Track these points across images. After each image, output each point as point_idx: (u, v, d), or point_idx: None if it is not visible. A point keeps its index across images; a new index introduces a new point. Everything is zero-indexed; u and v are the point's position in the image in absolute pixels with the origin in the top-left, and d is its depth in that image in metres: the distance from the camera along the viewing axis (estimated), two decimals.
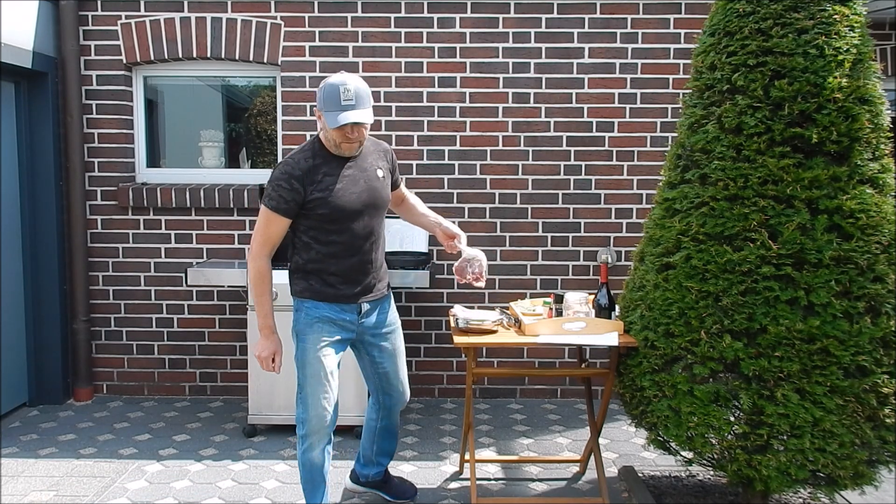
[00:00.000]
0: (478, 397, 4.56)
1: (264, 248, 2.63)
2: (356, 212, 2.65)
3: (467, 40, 4.38)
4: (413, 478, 3.42)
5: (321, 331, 2.69)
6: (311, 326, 2.68)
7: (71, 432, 3.97)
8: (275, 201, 2.58)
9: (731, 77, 2.64)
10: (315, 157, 2.63)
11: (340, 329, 2.73)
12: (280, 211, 2.59)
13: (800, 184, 2.50)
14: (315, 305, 2.69)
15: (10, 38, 3.93)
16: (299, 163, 2.59)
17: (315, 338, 2.68)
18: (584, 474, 3.47)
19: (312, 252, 2.66)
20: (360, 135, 2.60)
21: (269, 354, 2.68)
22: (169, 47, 4.39)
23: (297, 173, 2.58)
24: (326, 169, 2.63)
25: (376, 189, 2.72)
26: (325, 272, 2.67)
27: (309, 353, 2.67)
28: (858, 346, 2.45)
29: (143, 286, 4.53)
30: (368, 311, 2.79)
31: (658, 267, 2.79)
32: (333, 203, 2.59)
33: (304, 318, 2.70)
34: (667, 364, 2.71)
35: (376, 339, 2.84)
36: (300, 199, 2.58)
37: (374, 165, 2.74)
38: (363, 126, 2.60)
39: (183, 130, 4.76)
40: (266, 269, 2.64)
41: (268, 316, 2.66)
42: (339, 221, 2.63)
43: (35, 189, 4.31)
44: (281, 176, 2.58)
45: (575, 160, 4.44)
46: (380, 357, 2.88)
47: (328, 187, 2.60)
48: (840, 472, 2.49)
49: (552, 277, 4.51)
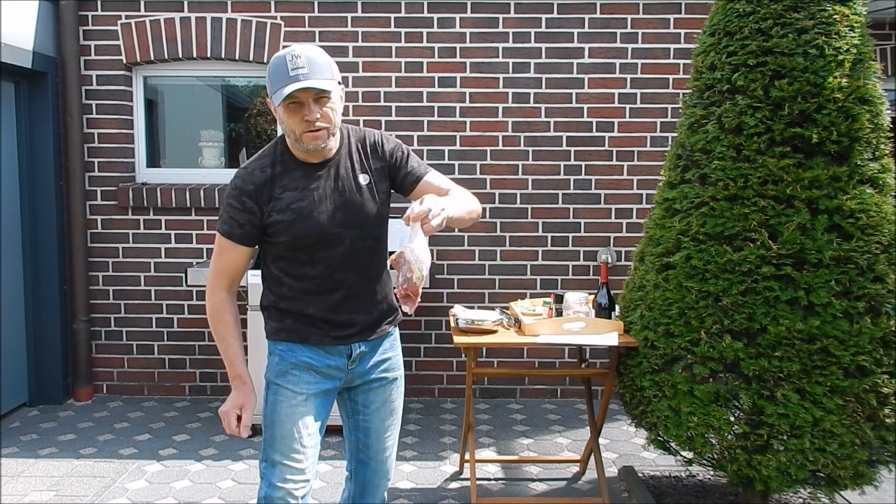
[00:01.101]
0: (478, 397, 4.56)
1: (219, 280, 2.04)
2: (329, 237, 2.00)
3: (467, 40, 4.38)
4: (413, 478, 3.42)
5: (298, 380, 2.06)
6: (285, 375, 2.06)
7: (71, 432, 3.97)
8: (227, 225, 2.00)
9: (731, 77, 2.64)
10: (275, 166, 2.01)
11: (324, 378, 2.09)
12: (234, 237, 2.00)
13: (800, 184, 2.50)
14: (291, 349, 2.07)
15: (10, 38, 3.93)
16: (253, 174, 1.99)
17: (290, 390, 2.05)
18: (584, 474, 3.47)
19: (284, 288, 2.05)
20: (325, 117, 1.93)
21: (230, 408, 2.03)
22: (169, 47, 4.39)
23: (250, 188, 1.97)
24: (287, 181, 2.00)
25: (356, 203, 2.04)
26: (301, 312, 2.05)
27: (281, 409, 2.04)
28: (858, 346, 2.44)
29: (143, 286, 4.53)
30: (363, 355, 2.13)
31: (658, 267, 2.79)
32: (295, 229, 1.97)
33: (277, 365, 2.08)
34: (667, 364, 2.71)
35: (366, 384, 2.16)
36: (258, 222, 1.99)
37: (353, 170, 2.06)
38: (325, 100, 1.92)
39: (183, 130, 4.76)
40: (223, 305, 2.03)
41: (234, 362, 2.04)
42: (308, 251, 1.99)
43: (35, 189, 4.31)
44: (231, 193, 2.00)
45: (575, 160, 4.44)
46: (365, 406, 2.18)
47: (288, 207, 1.97)
48: (840, 472, 2.49)
49: (552, 277, 4.51)
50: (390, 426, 2.22)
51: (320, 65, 1.91)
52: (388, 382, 2.19)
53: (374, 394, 2.17)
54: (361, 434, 2.19)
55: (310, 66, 1.89)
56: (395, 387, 2.21)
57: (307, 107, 1.91)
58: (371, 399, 2.17)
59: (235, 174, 2.04)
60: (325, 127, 1.94)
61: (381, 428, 2.19)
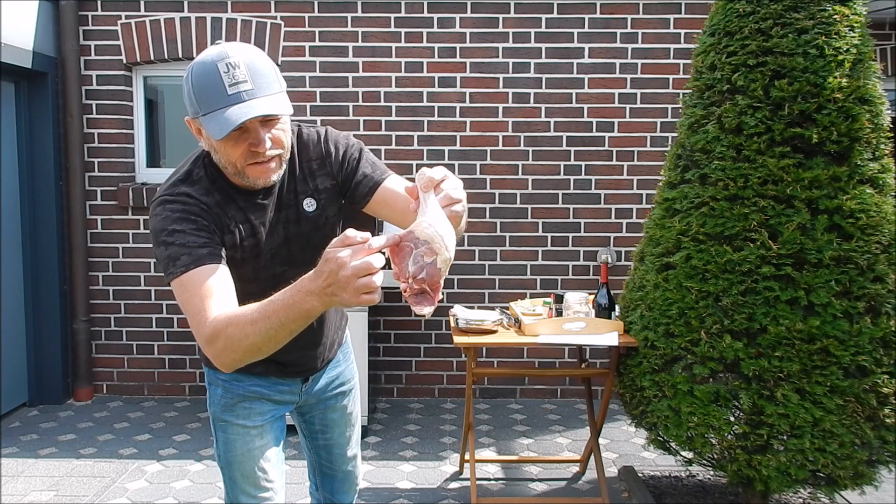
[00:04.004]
0: (478, 397, 4.56)
1: (203, 313, 1.40)
2: (275, 278, 1.61)
3: (467, 40, 4.38)
4: (413, 478, 3.42)
5: (249, 412, 1.78)
6: (233, 409, 1.78)
7: (71, 432, 3.97)
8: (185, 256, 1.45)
9: (731, 77, 2.63)
10: (210, 194, 1.56)
11: (277, 405, 1.83)
12: (202, 260, 1.45)
13: (800, 184, 2.50)
14: (236, 378, 1.77)
15: (10, 38, 3.93)
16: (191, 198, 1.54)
17: (241, 426, 1.78)
18: (584, 474, 3.47)
19: None
20: (277, 142, 1.49)
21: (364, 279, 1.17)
22: (169, 47, 4.38)
23: (197, 210, 1.52)
24: (233, 212, 1.59)
25: (302, 237, 1.67)
26: None
27: (235, 449, 1.78)
28: (858, 346, 2.44)
29: (143, 286, 4.53)
30: (316, 377, 1.91)
31: (658, 267, 2.79)
32: (242, 269, 1.60)
33: (222, 398, 1.78)
34: (667, 364, 2.71)
35: (322, 402, 1.95)
36: (219, 242, 1.54)
37: (296, 195, 1.65)
38: (275, 121, 1.48)
39: (183, 130, 4.72)
40: (224, 322, 1.35)
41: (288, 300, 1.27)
42: (253, 296, 1.40)
43: (35, 189, 4.31)
44: (172, 218, 1.50)
45: (575, 160, 4.44)
46: (324, 426, 1.98)
47: (240, 244, 1.60)
48: (840, 472, 2.49)
49: (552, 277, 4.51)
50: (351, 435, 2.04)
51: (265, 74, 1.44)
52: (345, 395, 1.98)
53: (333, 411, 1.97)
54: (324, 452, 2.02)
55: (253, 77, 1.41)
56: (352, 396, 2.01)
57: (254, 133, 1.45)
58: (329, 418, 1.97)
59: (161, 203, 1.53)
60: (278, 154, 1.51)
61: (343, 441, 2.02)
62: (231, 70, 1.40)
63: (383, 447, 3.77)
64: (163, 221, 1.50)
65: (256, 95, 1.41)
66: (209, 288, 1.42)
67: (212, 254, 1.47)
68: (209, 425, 1.95)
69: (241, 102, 1.40)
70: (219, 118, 1.39)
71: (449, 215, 1.24)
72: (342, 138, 1.69)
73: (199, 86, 1.42)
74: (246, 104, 1.40)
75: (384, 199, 1.63)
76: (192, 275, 1.44)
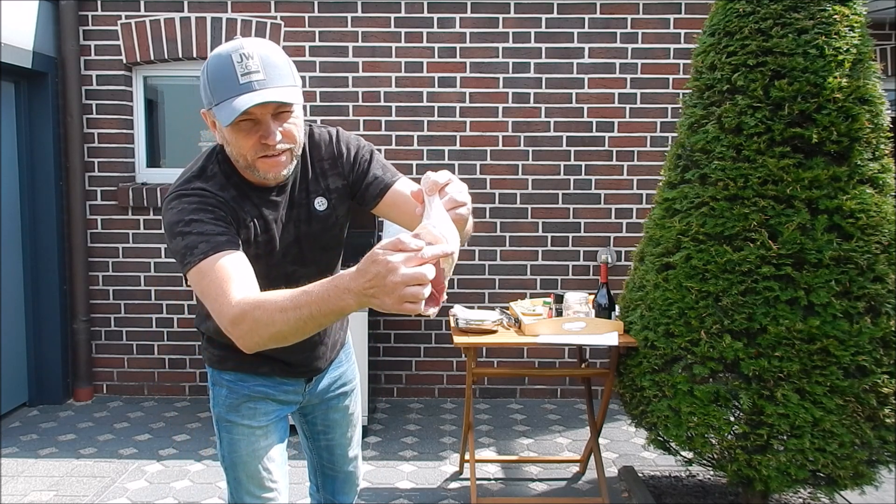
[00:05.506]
0: (478, 397, 4.56)
1: (227, 295, 1.37)
2: (286, 276, 1.65)
3: (467, 40, 4.38)
4: (413, 478, 3.42)
5: (254, 413, 1.80)
6: (238, 409, 1.79)
7: (71, 432, 3.97)
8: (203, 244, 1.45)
9: (731, 77, 2.64)
10: (226, 189, 1.57)
11: (282, 405, 1.85)
12: (221, 247, 1.44)
13: (800, 184, 2.50)
14: (241, 378, 1.79)
15: (10, 38, 3.93)
16: (207, 191, 1.54)
17: (246, 426, 1.79)
18: (584, 474, 3.47)
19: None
20: (288, 136, 1.51)
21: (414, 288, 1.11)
22: (169, 47, 4.38)
23: (214, 201, 1.53)
24: (248, 207, 1.60)
25: (313, 236, 1.69)
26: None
27: (240, 449, 1.79)
28: (858, 346, 2.44)
29: (143, 286, 4.53)
30: (320, 378, 1.93)
31: (658, 267, 2.79)
32: (256, 266, 1.52)
33: (226, 398, 1.80)
34: (667, 364, 2.71)
35: (324, 402, 1.97)
36: (235, 232, 1.54)
37: (307, 193, 1.67)
38: (287, 114, 1.50)
39: (183, 130, 4.75)
40: (251, 305, 1.32)
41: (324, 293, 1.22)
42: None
43: (35, 189, 4.31)
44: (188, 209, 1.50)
45: (575, 160, 4.44)
46: (326, 427, 2.00)
47: (255, 239, 1.61)
48: (840, 472, 2.49)
49: (552, 277, 4.51)
50: (353, 436, 2.06)
51: (278, 66, 1.47)
52: (347, 395, 2.00)
53: (335, 412, 1.98)
54: (325, 453, 2.04)
55: (265, 69, 1.44)
56: (353, 397, 2.03)
57: (264, 125, 1.47)
58: (331, 419, 1.99)
59: (176, 197, 1.52)
60: (289, 148, 1.53)
61: (345, 442, 2.04)
62: (244, 60, 1.43)
63: (383, 447, 3.77)
64: (179, 213, 1.50)
65: (268, 86, 1.43)
66: (230, 272, 1.41)
67: (230, 241, 1.47)
68: (210, 425, 1.99)
69: (251, 91, 1.42)
70: (228, 106, 1.42)
71: (454, 218, 1.25)
72: (353, 139, 1.72)
73: (213, 76, 1.46)
74: (256, 93, 1.42)
75: (394, 202, 1.66)
76: (210, 261, 1.43)
